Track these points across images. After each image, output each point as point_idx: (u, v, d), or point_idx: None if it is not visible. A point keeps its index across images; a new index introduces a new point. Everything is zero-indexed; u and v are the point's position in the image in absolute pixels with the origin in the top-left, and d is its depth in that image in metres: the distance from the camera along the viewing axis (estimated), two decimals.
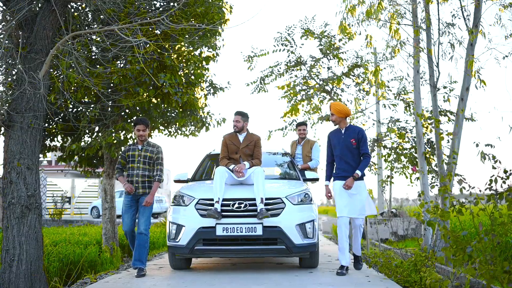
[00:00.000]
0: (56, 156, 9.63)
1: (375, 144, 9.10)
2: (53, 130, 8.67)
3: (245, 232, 5.23)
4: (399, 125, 9.05)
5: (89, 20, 8.12)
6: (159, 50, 7.49)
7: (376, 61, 9.47)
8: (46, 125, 8.66)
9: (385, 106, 9.29)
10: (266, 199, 5.40)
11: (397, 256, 6.94)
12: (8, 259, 4.85)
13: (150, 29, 7.12)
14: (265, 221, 5.25)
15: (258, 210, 5.25)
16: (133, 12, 6.91)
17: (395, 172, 9.50)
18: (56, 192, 21.38)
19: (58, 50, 5.75)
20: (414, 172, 8.18)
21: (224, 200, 5.41)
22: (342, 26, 6.85)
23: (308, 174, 6.58)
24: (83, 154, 8.96)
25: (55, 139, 9.07)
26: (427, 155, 7.95)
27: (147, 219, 5.76)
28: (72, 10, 7.65)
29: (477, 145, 3.93)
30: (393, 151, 8.87)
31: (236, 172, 5.80)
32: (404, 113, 9.25)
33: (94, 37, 7.44)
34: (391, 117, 9.03)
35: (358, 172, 5.51)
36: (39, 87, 5.29)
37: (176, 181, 6.72)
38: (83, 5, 7.90)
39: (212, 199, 5.41)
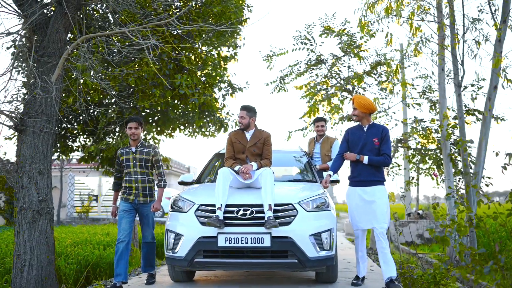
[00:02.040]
0: (79, 156, 9.72)
1: (399, 144, 8.79)
2: (74, 131, 8.75)
3: (251, 243, 4.54)
4: (423, 125, 8.72)
5: (111, 21, 8.12)
6: (177, 51, 7.44)
7: (402, 59, 9.13)
8: (69, 126, 8.74)
9: (408, 106, 8.97)
10: (276, 205, 4.73)
11: (420, 262, 6.67)
12: (19, 264, 4.86)
13: (166, 30, 7.06)
14: (274, 231, 4.56)
15: (266, 218, 4.57)
16: (149, 14, 6.84)
17: (421, 173, 9.19)
18: (83, 190, 21.75)
19: (70, 53, 5.73)
20: (436, 177, 7.84)
21: (227, 206, 4.76)
22: (361, 24, 6.58)
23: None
24: (103, 155, 9.02)
25: (77, 139, 9.16)
26: (453, 157, 7.60)
27: (152, 227, 5.46)
28: (93, 11, 7.65)
29: (496, 154, 3.65)
30: (417, 152, 8.55)
31: (242, 174, 5.12)
32: (430, 112, 8.91)
33: (114, 38, 7.44)
34: (414, 117, 8.70)
35: (365, 157, 4.87)
36: (51, 91, 5.27)
37: (180, 183, 6.10)
38: (102, 7, 7.91)
39: (214, 205, 4.77)
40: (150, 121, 9.16)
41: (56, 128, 8.34)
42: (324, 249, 4.71)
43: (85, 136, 9.00)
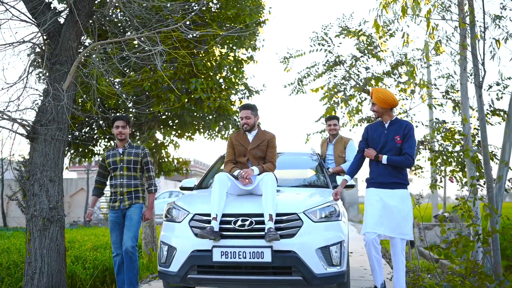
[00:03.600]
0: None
1: (421, 146, 8.52)
2: (95, 136, 8.87)
3: (249, 258, 4.02)
4: (447, 126, 8.43)
5: (125, 27, 8.17)
6: (192, 56, 7.41)
7: (427, 56, 8.84)
8: (90, 131, 8.85)
9: (430, 107, 8.69)
10: (278, 214, 4.21)
11: (438, 270, 6.43)
12: (30, 271, 4.89)
13: (180, 34, 7.04)
14: (275, 244, 4.05)
15: (265, 230, 4.06)
16: (162, 20, 6.84)
17: (444, 176, 8.89)
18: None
19: (82, 60, 5.77)
20: (452, 182, 7.54)
21: (224, 215, 4.26)
22: (376, 24, 6.37)
23: (340, 180, 5.00)
24: None
25: (98, 143, 9.28)
26: (477, 159, 7.30)
27: (135, 234, 4.86)
28: (106, 18, 7.70)
29: (505, 164, 3.43)
30: (438, 154, 8.26)
31: (241, 179, 4.60)
32: (453, 113, 8.60)
33: (130, 44, 7.47)
34: (436, 118, 8.41)
35: (384, 156, 4.33)
36: (62, 98, 5.30)
37: (182, 189, 5.58)
38: (117, 13, 7.96)
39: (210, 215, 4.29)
40: (171, 124, 9.21)
41: (76, 133, 8.49)
42: (333, 265, 4.17)
43: (106, 140, 9.12)
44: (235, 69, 8.39)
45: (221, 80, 8.34)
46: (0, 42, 5.45)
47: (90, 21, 6.26)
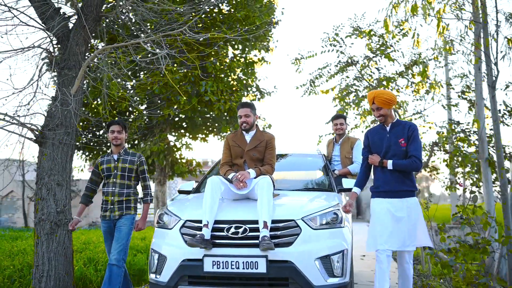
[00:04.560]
0: None
1: (435, 148, 8.35)
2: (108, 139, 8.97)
3: (243, 268, 3.73)
4: (462, 127, 8.25)
5: (136, 31, 8.21)
6: (204, 59, 7.41)
7: (445, 56, 8.66)
8: (103, 133, 8.95)
9: (445, 107, 8.51)
10: (275, 221, 3.90)
11: (454, 274, 6.28)
12: (37, 275, 4.95)
13: (189, 37, 7.04)
14: (270, 254, 3.75)
15: (260, 238, 3.77)
16: (170, 23, 6.85)
17: (463, 177, 8.70)
18: None
19: (90, 65, 5.80)
20: (462, 187, 7.34)
21: (216, 222, 3.97)
22: (386, 24, 6.24)
23: (346, 183, 4.78)
24: None
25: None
26: (491, 161, 7.12)
27: (123, 247, 4.53)
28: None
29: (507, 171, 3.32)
30: (452, 156, 8.08)
31: (236, 182, 4.30)
32: (468, 113, 8.41)
33: (141, 46, 7.51)
34: (449, 119, 8.23)
35: (389, 161, 4.06)
36: (70, 103, 5.34)
37: (180, 192, 5.28)
38: (127, 17, 8.01)
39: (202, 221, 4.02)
40: (185, 126, 9.25)
41: (90, 135, 8.60)
42: (334, 276, 3.83)
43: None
44: (247, 71, 8.39)
45: (232, 82, 8.34)
46: (8, 48, 5.52)
47: (103, 25, 6.30)
